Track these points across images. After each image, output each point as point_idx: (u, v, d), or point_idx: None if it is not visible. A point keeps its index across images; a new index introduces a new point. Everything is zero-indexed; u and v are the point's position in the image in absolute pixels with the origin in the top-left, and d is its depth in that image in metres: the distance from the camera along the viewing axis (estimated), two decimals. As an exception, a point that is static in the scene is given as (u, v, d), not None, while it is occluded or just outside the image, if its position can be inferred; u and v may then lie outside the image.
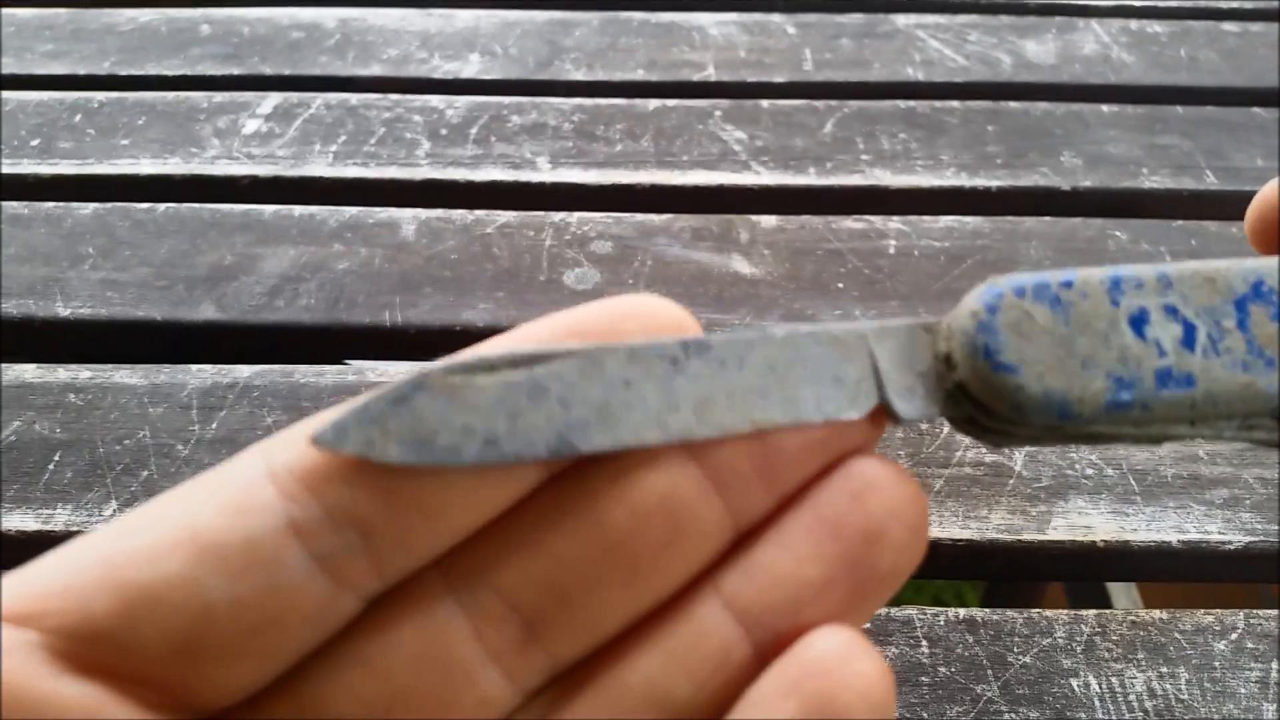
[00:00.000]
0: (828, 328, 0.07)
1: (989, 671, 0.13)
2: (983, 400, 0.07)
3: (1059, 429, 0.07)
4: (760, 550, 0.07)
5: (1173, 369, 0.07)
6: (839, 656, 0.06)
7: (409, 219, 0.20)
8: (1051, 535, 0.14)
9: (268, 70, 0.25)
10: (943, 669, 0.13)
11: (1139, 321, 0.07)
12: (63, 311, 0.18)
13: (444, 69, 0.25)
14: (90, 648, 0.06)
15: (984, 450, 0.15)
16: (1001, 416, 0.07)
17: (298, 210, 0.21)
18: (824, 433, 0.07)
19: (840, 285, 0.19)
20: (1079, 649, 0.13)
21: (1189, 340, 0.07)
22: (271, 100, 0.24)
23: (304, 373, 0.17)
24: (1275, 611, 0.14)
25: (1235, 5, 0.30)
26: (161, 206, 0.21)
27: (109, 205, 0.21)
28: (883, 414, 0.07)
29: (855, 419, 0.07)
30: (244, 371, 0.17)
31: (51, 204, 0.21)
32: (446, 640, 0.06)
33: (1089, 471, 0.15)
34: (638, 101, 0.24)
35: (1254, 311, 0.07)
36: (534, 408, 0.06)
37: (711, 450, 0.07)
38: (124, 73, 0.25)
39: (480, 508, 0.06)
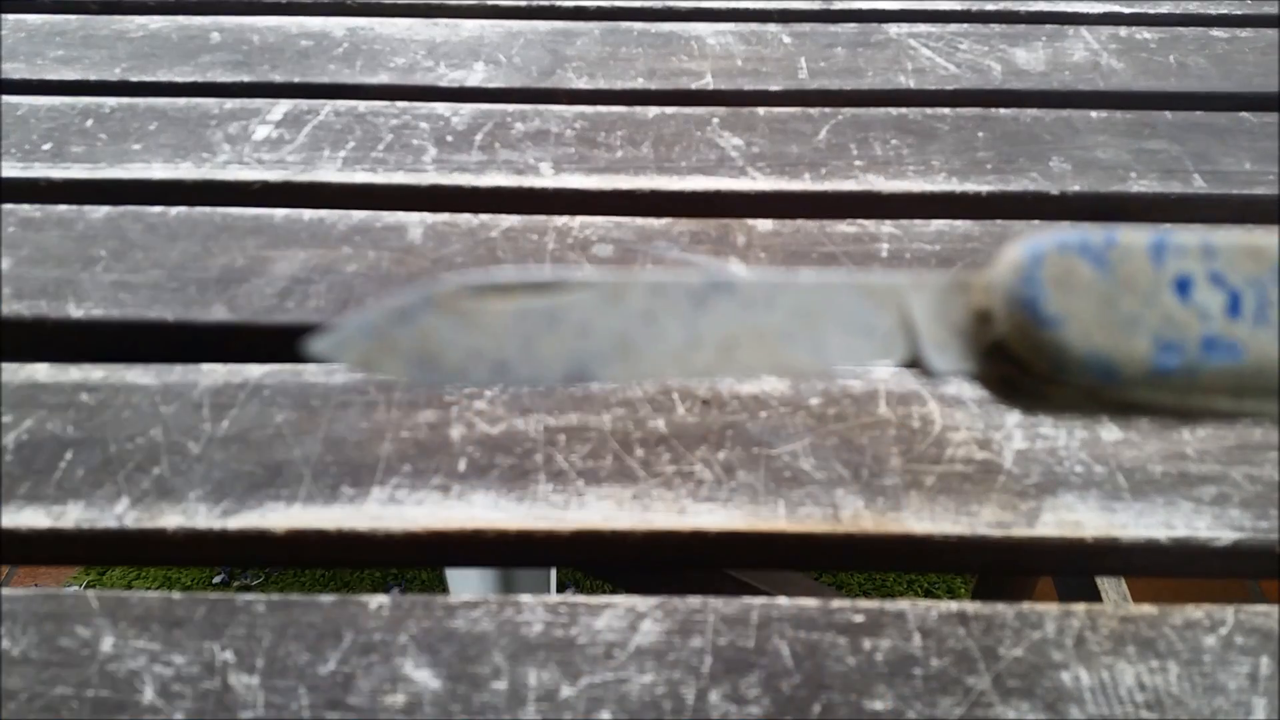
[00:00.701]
0: (861, 277, 0.07)
1: (980, 664, 0.13)
2: (1023, 356, 0.07)
3: (1098, 393, 0.07)
4: None
5: (1220, 336, 0.07)
6: None
7: (416, 223, 0.21)
8: (1040, 531, 0.15)
9: (278, 78, 0.26)
10: (935, 661, 0.13)
11: (1184, 285, 0.07)
12: (75, 313, 0.18)
13: (450, 77, 0.26)
14: None
15: (974, 446, 0.16)
16: (1040, 375, 0.07)
17: (307, 214, 0.21)
18: None
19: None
20: (1069, 642, 0.13)
21: (1235, 308, 0.07)
22: (281, 107, 0.24)
23: (313, 372, 0.17)
24: (1265, 607, 0.14)
25: (1224, 11, 0.30)
26: (173, 210, 0.21)
27: (121, 209, 0.21)
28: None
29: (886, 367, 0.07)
30: (255, 371, 0.17)
31: (64, 207, 0.21)
32: None
33: (1078, 469, 0.16)
34: (638, 109, 0.24)
35: None
36: (550, 334, 0.06)
37: None
38: (135, 79, 0.26)
39: None
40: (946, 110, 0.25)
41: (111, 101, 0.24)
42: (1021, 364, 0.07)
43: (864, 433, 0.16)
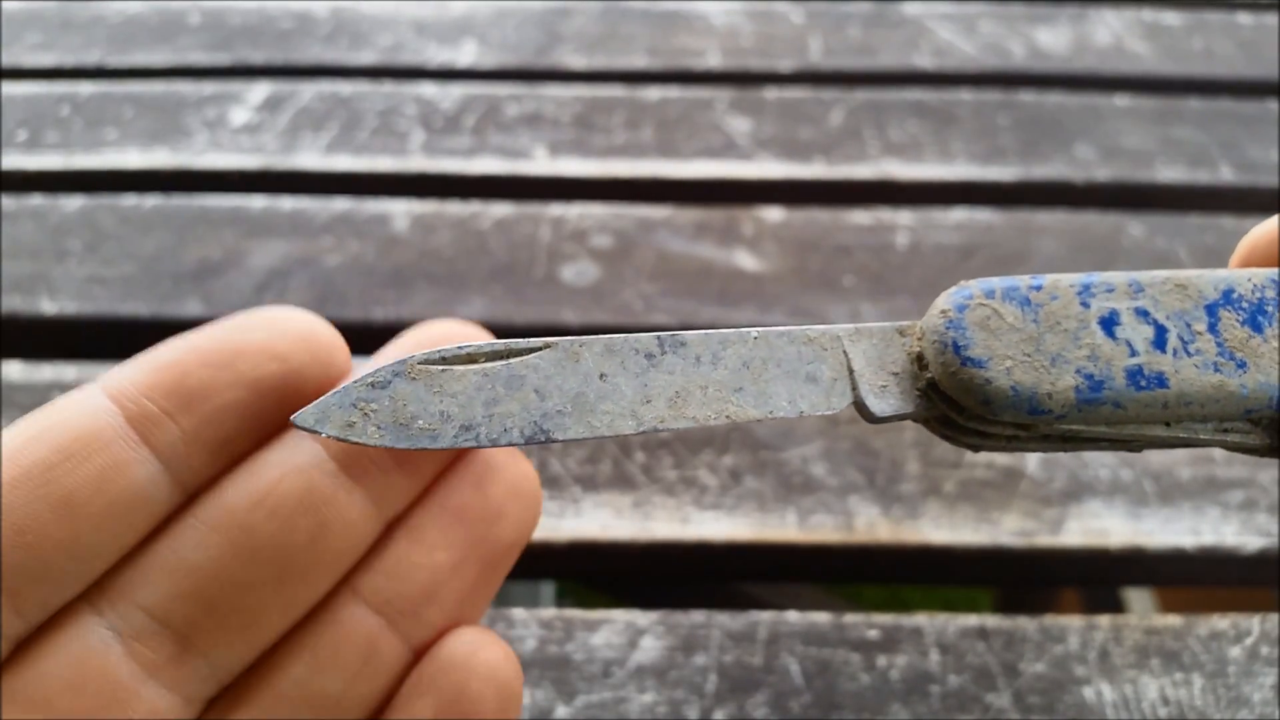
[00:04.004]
0: (804, 329, 0.08)
1: (1000, 680, 0.12)
2: (953, 396, 0.07)
3: (1031, 426, 0.07)
4: (394, 544, 0.07)
5: (1144, 368, 0.07)
6: (468, 650, 0.07)
7: (401, 212, 0.20)
8: (1065, 540, 0.14)
9: (258, 60, 0.25)
10: (953, 678, 0.12)
11: (1109, 322, 0.07)
12: (49, 309, 0.18)
13: (439, 57, 0.25)
14: None
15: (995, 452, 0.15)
16: (972, 413, 0.07)
17: (287, 203, 0.20)
18: None
19: (848, 281, 0.18)
20: (1092, 656, 0.13)
21: (1160, 341, 0.07)
22: (261, 90, 0.23)
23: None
24: (1294, 617, 0.13)
25: (1251, -6, 0.29)
26: (148, 200, 0.20)
27: (95, 199, 0.20)
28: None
29: (829, 414, 0.07)
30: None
31: (38, 198, 0.20)
32: (99, 664, 0.07)
33: (1103, 474, 0.15)
34: (639, 90, 0.23)
35: (1224, 316, 0.08)
36: (510, 396, 0.07)
37: (344, 446, 0.07)
38: (112, 63, 0.25)
39: (119, 536, 0.07)
40: (966, 93, 0.23)
41: (88, 87, 0.23)
42: (954, 403, 0.07)
43: (879, 436, 0.15)
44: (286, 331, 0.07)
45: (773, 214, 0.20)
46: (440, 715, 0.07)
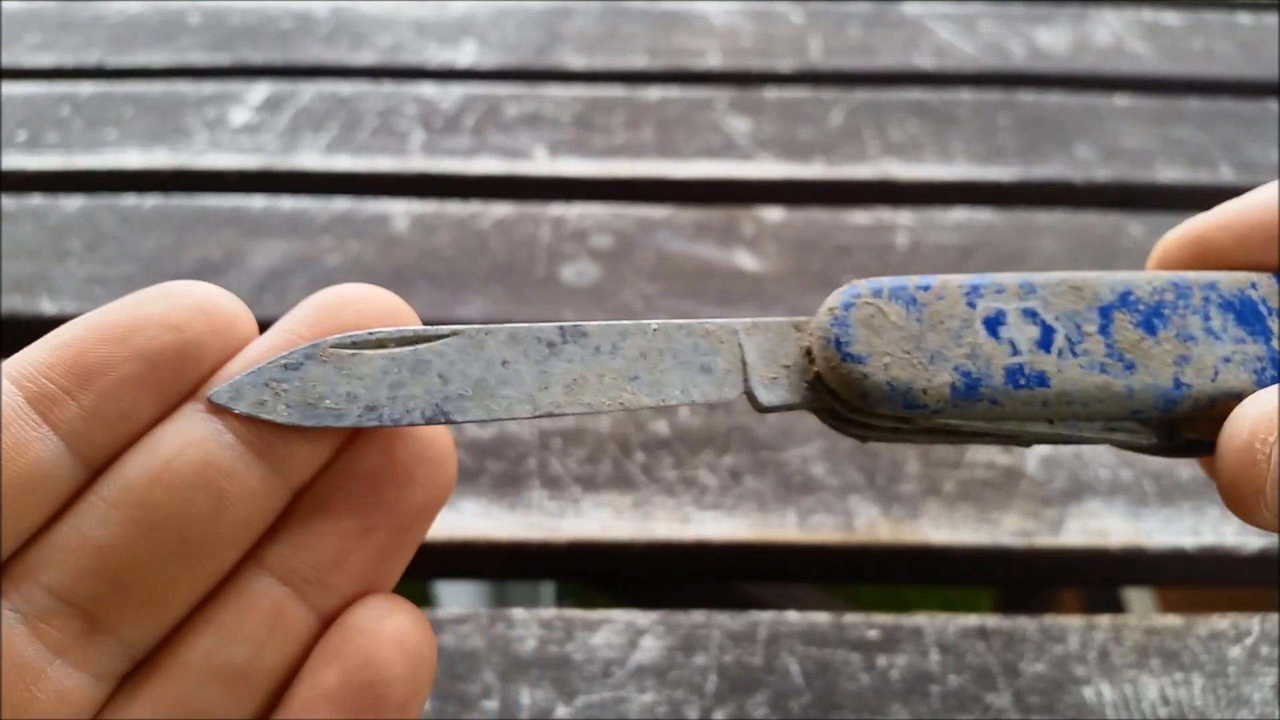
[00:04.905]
0: (702, 322, 0.08)
1: (1000, 680, 0.12)
2: (835, 389, 0.08)
3: (910, 419, 0.08)
4: (299, 512, 0.07)
5: (1025, 366, 0.08)
6: (376, 617, 0.07)
7: (401, 212, 0.20)
8: (1065, 540, 0.14)
9: (258, 60, 0.25)
10: (953, 678, 0.12)
11: (994, 322, 0.08)
12: (49, 309, 0.18)
13: (439, 57, 0.25)
14: None
15: (996, 451, 0.15)
16: (854, 406, 0.08)
17: (287, 203, 0.20)
18: None
19: (848, 281, 0.18)
20: (1092, 656, 0.13)
21: (1045, 341, 0.08)
22: (261, 90, 0.23)
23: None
24: (1294, 617, 0.13)
25: (1251, -6, 0.29)
26: (148, 200, 0.20)
27: (95, 200, 0.20)
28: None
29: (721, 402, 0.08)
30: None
31: (38, 199, 0.20)
32: (4, 646, 0.06)
33: (1103, 474, 0.15)
34: (639, 90, 0.23)
35: (1118, 318, 0.08)
36: (414, 380, 0.07)
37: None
38: (112, 64, 0.25)
39: (23, 517, 0.07)
40: (966, 93, 0.23)
41: (88, 87, 0.23)
42: (837, 396, 0.08)
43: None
44: (184, 303, 0.07)
45: (773, 214, 0.20)
46: (347, 682, 0.07)
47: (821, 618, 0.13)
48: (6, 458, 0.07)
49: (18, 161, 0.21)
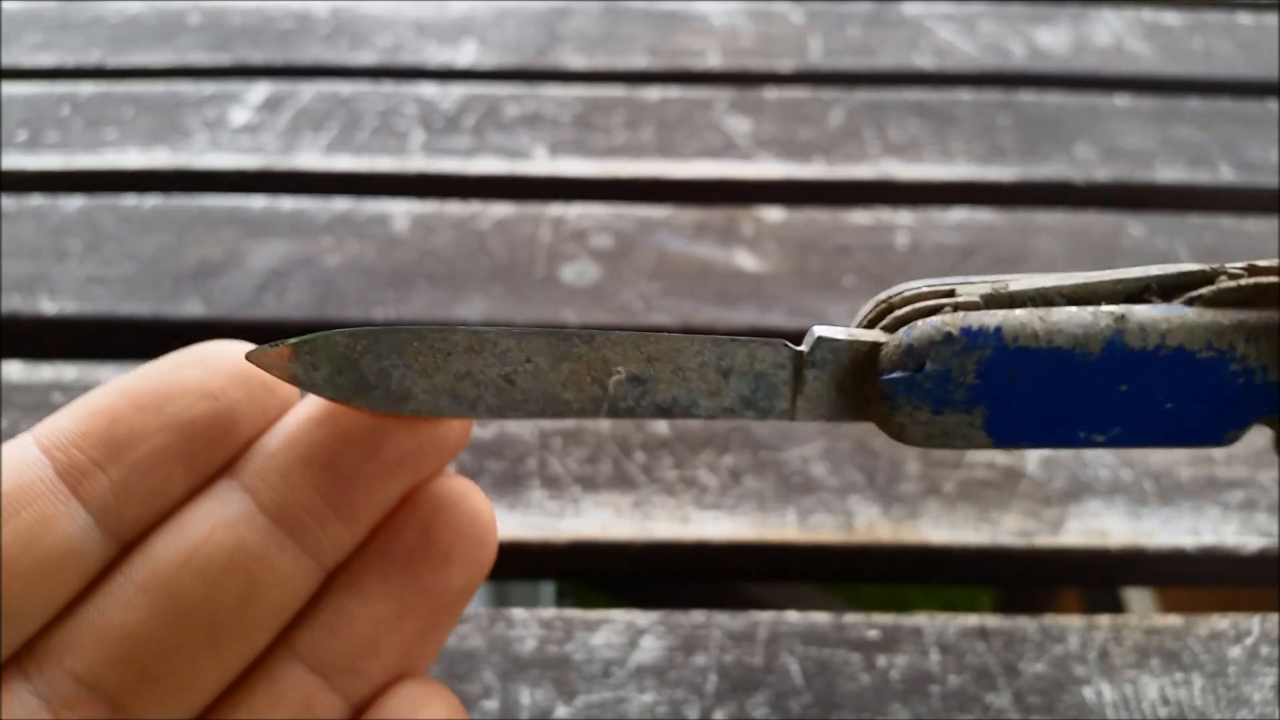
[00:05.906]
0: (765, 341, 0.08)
1: (1000, 680, 0.12)
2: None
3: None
4: (331, 596, 0.07)
5: None
6: (411, 706, 0.07)
7: (401, 212, 0.20)
8: (1065, 540, 0.14)
9: (258, 60, 0.25)
10: (953, 678, 0.12)
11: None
12: (49, 309, 0.18)
13: (439, 57, 0.25)
14: None
15: (996, 451, 0.15)
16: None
17: (287, 203, 0.20)
18: (399, 456, 0.07)
19: (848, 281, 0.18)
20: (1092, 656, 0.13)
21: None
22: (261, 90, 0.23)
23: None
24: (1294, 617, 0.13)
25: (1251, -6, 0.29)
26: (148, 200, 0.20)
27: (95, 200, 0.20)
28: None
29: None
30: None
31: (38, 198, 0.20)
32: None
33: (1103, 474, 0.15)
34: (638, 90, 0.23)
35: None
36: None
37: (277, 494, 0.07)
38: (112, 64, 0.25)
39: (50, 595, 0.06)
40: (966, 93, 0.23)
41: (88, 87, 0.23)
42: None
43: (879, 436, 0.15)
44: (221, 367, 0.07)
45: (773, 214, 0.20)
46: None
47: (821, 618, 0.13)
48: (33, 534, 0.06)
49: (18, 161, 0.21)
